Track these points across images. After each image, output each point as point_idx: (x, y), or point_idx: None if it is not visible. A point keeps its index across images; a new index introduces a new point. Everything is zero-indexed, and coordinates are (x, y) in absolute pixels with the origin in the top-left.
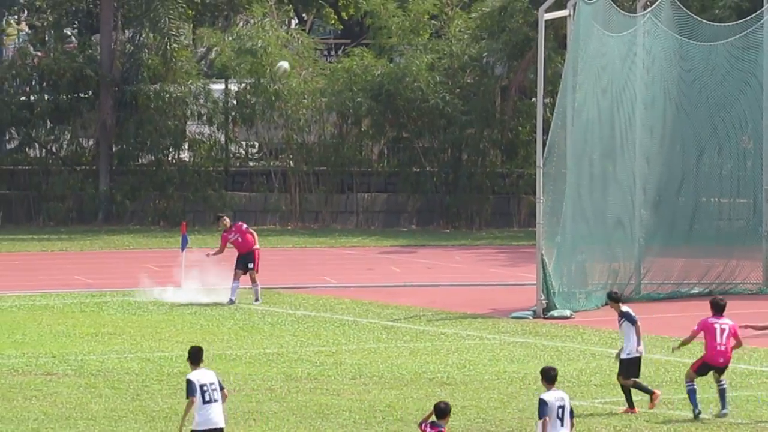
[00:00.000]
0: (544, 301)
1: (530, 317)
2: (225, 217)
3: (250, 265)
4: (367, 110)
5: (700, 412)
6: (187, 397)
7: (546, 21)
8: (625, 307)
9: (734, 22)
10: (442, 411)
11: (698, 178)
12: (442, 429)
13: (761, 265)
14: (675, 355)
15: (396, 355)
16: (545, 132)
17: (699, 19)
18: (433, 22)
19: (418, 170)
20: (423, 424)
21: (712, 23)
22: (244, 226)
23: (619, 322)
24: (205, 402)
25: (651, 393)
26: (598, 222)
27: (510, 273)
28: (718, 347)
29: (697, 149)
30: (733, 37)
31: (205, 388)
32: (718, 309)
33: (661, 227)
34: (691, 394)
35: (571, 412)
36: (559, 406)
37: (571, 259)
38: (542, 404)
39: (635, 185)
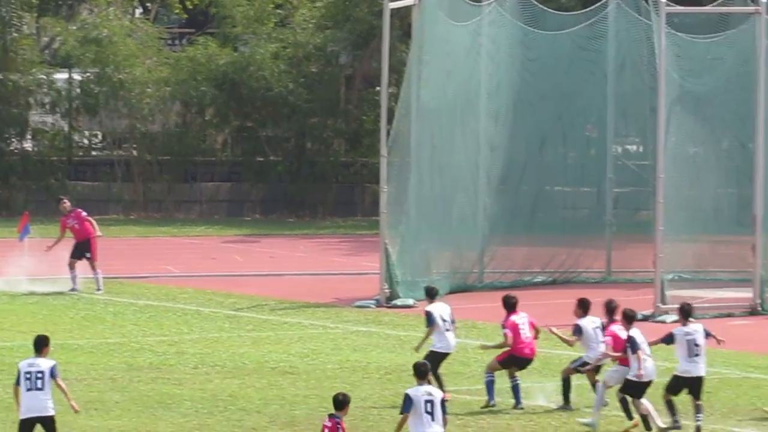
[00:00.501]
0: (387, 290)
1: (373, 306)
2: (65, 200)
3: (87, 255)
4: (212, 99)
5: (494, 405)
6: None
7: (391, 10)
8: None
9: (580, 12)
10: (340, 402)
11: (542, 167)
12: (340, 420)
13: (604, 254)
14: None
15: (239, 344)
16: (389, 121)
17: (544, 8)
18: (278, 11)
19: (261, 159)
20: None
21: (557, 12)
22: (83, 213)
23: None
24: (27, 390)
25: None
26: (441, 211)
27: (353, 262)
28: (524, 341)
29: (540, 138)
30: (578, 26)
31: (29, 376)
32: (510, 307)
33: (505, 216)
34: (489, 385)
35: (444, 407)
36: (427, 401)
37: (415, 248)
38: (406, 399)
39: (478, 174)
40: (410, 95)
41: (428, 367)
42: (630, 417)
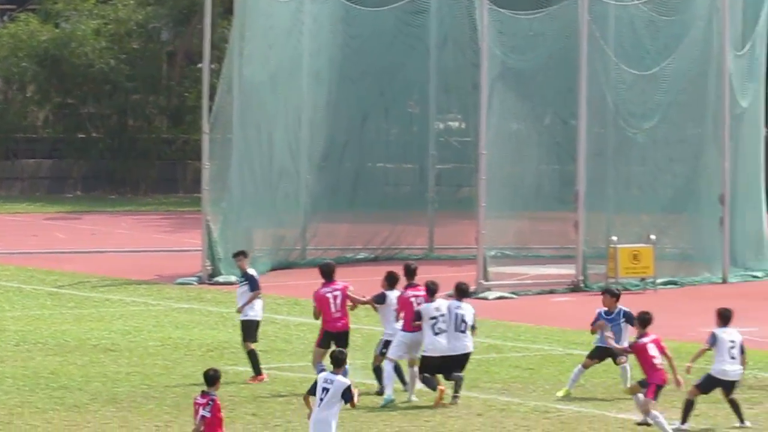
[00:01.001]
0: (209, 267)
1: (195, 283)
2: None
3: None
4: (33, 76)
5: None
6: None
7: None
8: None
9: None
10: (211, 378)
11: (363, 144)
12: (214, 396)
13: (427, 231)
14: None
15: (60, 321)
16: (211, 98)
17: None
18: None
19: (83, 136)
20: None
21: None
22: None
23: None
24: None
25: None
26: (264, 188)
27: (175, 239)
28: (334, 315)
29: (362, 114)
30: (400, 2)
31: None
32: (327, 275)
33: (327, 193)
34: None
35: (349, 393)
36: (324, 389)
37: (237, 225)
38: (314, 383)
39: (300, 151)
40: (232, 72)
41: (345, 356)
42: (434, 387)
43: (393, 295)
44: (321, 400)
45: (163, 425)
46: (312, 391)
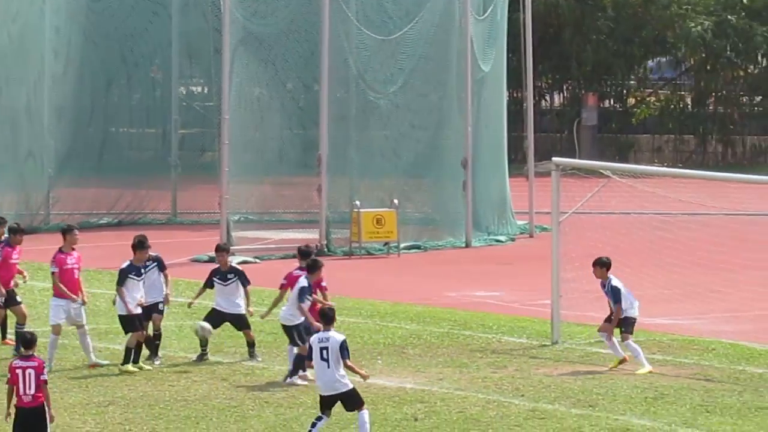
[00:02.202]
0: None
1: None
2: None
3: None
4: None
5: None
6: None
7: None
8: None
9: None
10: (28, 341)
11: (107, 108)
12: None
13: (170, 195)
14: None
15: None
16: None
17: None
18: None
19: None
20: None
21: None
22: None
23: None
24: None
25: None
26: (8, 152)
27: None
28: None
29: (106, 79)
30: None
31: None
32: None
33: (71, 157)
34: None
35: (345, 350)
36: (322, 348)
37: None
38: (309, 347)
39: (43, 115)
40: None
41: (334, 313)
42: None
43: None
44: (326, 360)
45: None
46: (310, 356)
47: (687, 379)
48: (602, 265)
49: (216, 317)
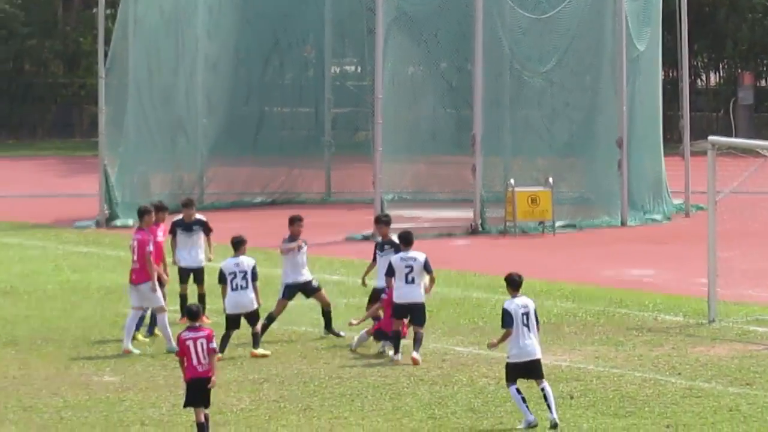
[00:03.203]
0: (106, 212)
1: (93, 227)
2: None
3: None
4: None
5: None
6: None
7: None
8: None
9: None
10: (196, 313)
11: (260, 88)
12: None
13: (323, 175)
14: None
15: None
16: (107, 42)
17: None
18: None
19: None
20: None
21: None
22: None
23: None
24: None
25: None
26: (161, 132)
27: (73, 183)
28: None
29: (260, 59)
30: None
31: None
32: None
33: (224, 136)
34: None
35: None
36: (523, 313)
37: (134, 169)
38: (505, 314)
39: (196, 95)
40: (127, 16)
41: (522, 279)
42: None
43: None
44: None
45: (63, 368)
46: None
47: None
48: None
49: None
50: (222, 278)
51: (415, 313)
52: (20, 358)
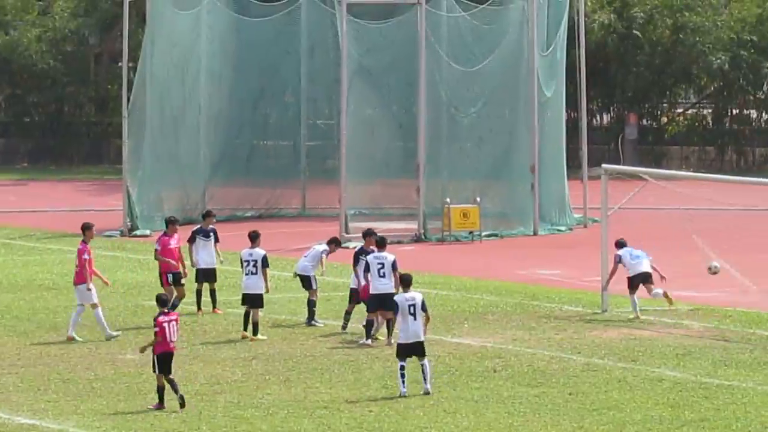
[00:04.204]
0: (128, 223)
1: (118, 235)
2: None
3: None
4: None
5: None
6: None
7: (129, 2)
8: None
9: (278, 2)
10: (165, 301)
11: (252, 124)
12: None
13: (300, 194)
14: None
15: (11, 266)
16: (129, 89)
17: (250, 0)
18: (39, 2)
19: (28, 120)
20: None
21: (261, 3)
22: None
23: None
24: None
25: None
26: (171, 160)
27: (102, 201)
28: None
29: (250, 101)
30: (277, 14)
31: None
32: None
33: (222, 163)
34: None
35: (423, 306)
36: (410, 305)
37: (150, 189)
38: (395, 304)
39: (200, 130)
40: (145, 69)
41: (411, 278)
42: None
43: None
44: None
45: (94, 348)
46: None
47: (709, 339)
48: (619, 246)
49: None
50: (241, 264)
51: (387, 302)
52: (60, 340)
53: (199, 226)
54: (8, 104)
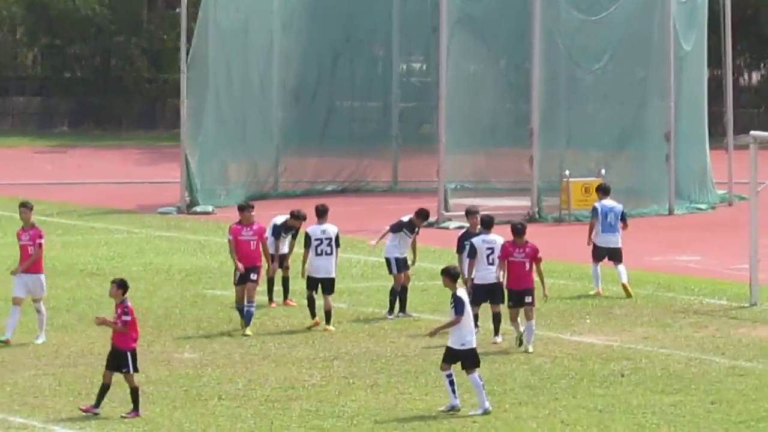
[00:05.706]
0: (187, 198)
1: (175, 213)
2: None
3: None
4: (22, 19)
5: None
6: None
7: None
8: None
9: None
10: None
11: (332, 83)
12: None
13: (391, 165)
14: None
15: (49, 247)
16: (189, 40)
17: None
18: None
19: (69, 75)
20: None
21: None
22: None
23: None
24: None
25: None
26: (237, 124)
27: (155, 171)
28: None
29: (332, 55)
30: None
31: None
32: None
33: (297, 129)
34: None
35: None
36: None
37: (213, 158)
38: (459, 302)
39: (272, 90)
40: (208, 16)
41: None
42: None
43: None
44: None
45: (145, 345)
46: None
47: None
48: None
49: None
50: (308, 243)
51: (496, 295)
52: (105, 336)
53: (283, 221)
54: (45, 57)
